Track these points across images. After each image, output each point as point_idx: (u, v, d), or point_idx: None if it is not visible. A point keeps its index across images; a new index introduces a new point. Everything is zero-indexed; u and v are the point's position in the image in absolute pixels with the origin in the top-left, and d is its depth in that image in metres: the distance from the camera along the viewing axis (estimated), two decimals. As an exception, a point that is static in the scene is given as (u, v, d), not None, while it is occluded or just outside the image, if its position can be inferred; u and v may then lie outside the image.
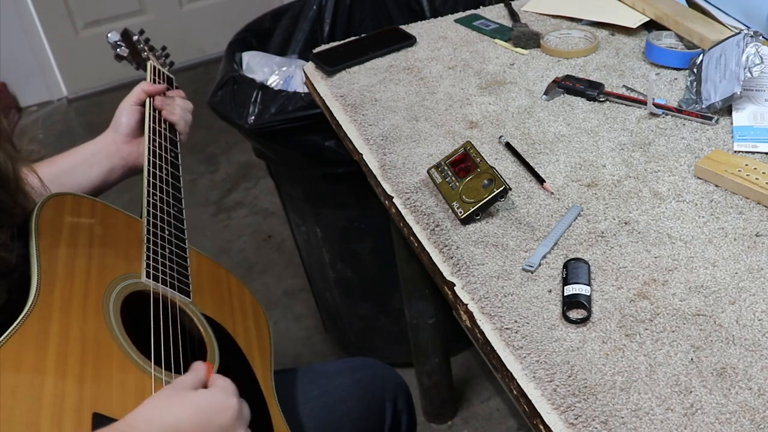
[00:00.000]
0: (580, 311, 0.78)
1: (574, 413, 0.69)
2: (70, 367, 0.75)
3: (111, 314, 0.83)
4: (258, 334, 1.00)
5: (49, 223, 0.86)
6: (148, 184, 1.01)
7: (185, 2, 3.31)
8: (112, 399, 0.75)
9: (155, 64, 1.21)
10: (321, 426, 1.03)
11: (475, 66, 1.26)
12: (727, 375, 0.71)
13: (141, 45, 1.27)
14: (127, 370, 0.79)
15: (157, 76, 1.18)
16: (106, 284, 0.86)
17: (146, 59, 1.23)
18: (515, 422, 1.71)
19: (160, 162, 1.06)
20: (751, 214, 0.89)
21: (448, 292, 0.87)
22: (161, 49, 1.32)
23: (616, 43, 1.29)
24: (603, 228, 0.89)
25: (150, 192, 1.00)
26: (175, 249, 0.98)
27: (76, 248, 0.86)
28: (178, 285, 0.93)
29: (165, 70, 1.23)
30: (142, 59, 1.24)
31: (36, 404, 0.70)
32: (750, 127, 1.02)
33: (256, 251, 2.30)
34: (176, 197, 1.04)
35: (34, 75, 3.17)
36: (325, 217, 1.61)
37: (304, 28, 1.78)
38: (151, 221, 0.96)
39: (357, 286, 1.71)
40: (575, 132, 1.07)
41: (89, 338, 0.79)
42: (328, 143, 1.43)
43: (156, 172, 1.03)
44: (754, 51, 1.01)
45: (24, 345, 0.73)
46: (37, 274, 0.79)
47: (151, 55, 1.26)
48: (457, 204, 0.93)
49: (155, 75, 1.18)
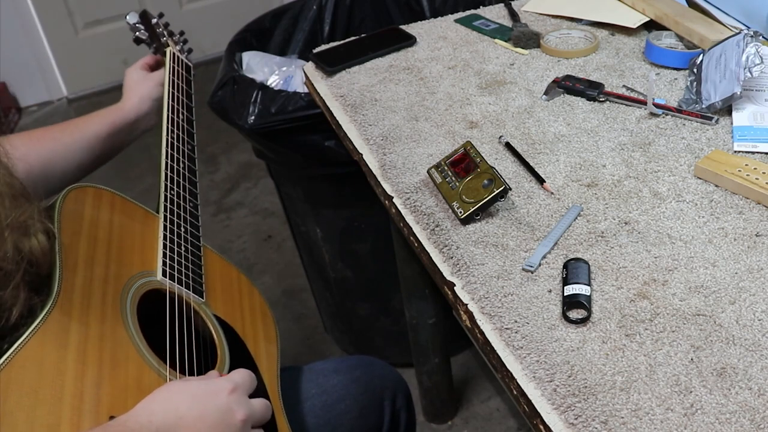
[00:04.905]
0: (580, 311, 0.78)
1: (574, 413, 0.69)
2: (89, 367, 0.74)
3: (128, 314, 0.83)
4: (266, 337, 1.00)
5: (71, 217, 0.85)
6: (166, 178, 1.00)
7: (185, 2, 3.32)
8: (127, 402, 0.74)
9: (175, 51, 1.18)
10: (320, 424, 1.03)
11: (475, 66, 1.26)
12: (727, 375, 0.71)
13: (160, 29, 1.24)
14: (142, 372, 0.79)
15: (176, 64, 1.16)
16: (124, 282, 0.85)
17: (165, 44, 1.20)
18: (515, 422, 1.71)
19: (178, 155, 1.04)
20: (751, 214, 0.89)
21: (448, 292, 0.87)
22: (179, 34, 1.29)
23: (616, 43, 1.29)
24: (603, 228, 0.89)
25: (167, 186, 0.99)
26: (191, 247, 0.97)
27: (96, 244, 0.86)
28: (192, 285, 0.93)
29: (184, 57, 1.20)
30: (161, 44, 1.21)
31: (57, 406, 0.69)
32: (750, 127, 1.02)
33: (256, 251, 2.30)
34: (192, 192, 1.03)
35: (34, 75, 3.17)
36: (325, 217, 1.61)
37: (304, 28, 1.78)
38: (168, 217, 0.96)
39: (357, 286, 1.71)
40: (575, 132, 1.07)
41: (107, 338, 0.78)
42: (328, 143, 1.43)
43: (173, 165, 1.02)
44: (754, 51, 1.01)
45: (46, 344, 0.73)
46: (58, 271, 0.79)
47: (170, 40, 1.23)
48: (457, 204, 0.93)
49: (174, 63, 1.16)
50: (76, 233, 0.84)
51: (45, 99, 3.25)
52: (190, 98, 1.16)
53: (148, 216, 0.96)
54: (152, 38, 1.22)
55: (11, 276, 0.73)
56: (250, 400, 0.79)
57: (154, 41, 1.22)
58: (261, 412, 0.80)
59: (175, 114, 1.08)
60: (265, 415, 0.81)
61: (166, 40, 1.22)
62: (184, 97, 1.13)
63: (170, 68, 1.14)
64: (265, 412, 0.81)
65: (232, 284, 1.02)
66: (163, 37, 1.23)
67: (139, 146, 1.23)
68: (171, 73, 1.14)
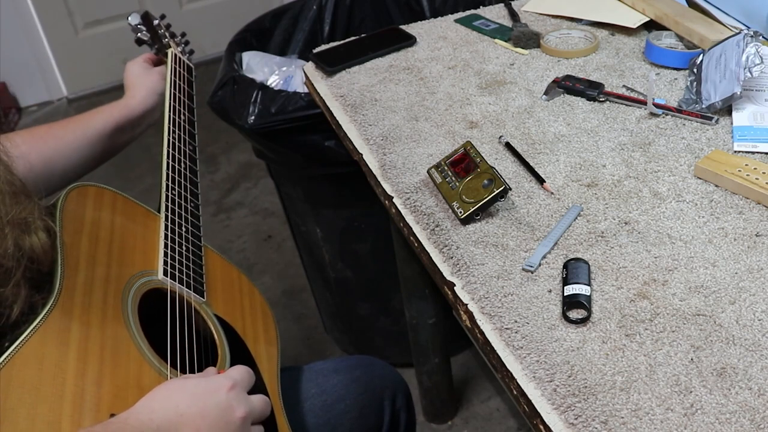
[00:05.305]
0: (580, 311, 0.78)
1: (574, 413, 0.69)
2: (90, 365, 0.75)
3: (129, 313, 0.83)
4: (266, 337, 1.00)
5: (72, 216, 0.85)
6: (167, 178, 1.00)
7: (185, 2, 3.32)
8: (128, 400, 0.75)
9: (176, 52, 1.18)
10: (320, 424, 1.03)
11: (475, 66, 1.26)
12: (727, 375, 0.71)
13: (162, 30, 1.24)
14: (143, 370, 0.79)
15: (178, 65, 1.16)
16: (125, 281, 0.86)
17: (167, 45, 1.20)
18: (515, 422, 1.71)
19: (179, 155, 1.04)
20: (751, 214, 0.89)
21: (448, 292, 0.87)
22: (181, 36, 1.29)
23: (616, 43, 1.29)
24: (603, 228, 0.89)
25: (169, 186, 0.99)
26: (192, 247, 0.97)
27: (98, 243, 0.86)
28: (193, 284, 0.93)
29: (185, 59, 1.20)
30: (163, 45, 1.21)
31: (58, 403, 0.70)
32: (750, 127, 1.02)
33: (256, 251, 2.30)
34: (193, 192, 1.03)
35: (34, 75, 3.17)
36: (325, 217, 1.61)
37: (304, 28, 1.78)
38: (169, 217, 0.96)
39: (357, 286, 1.71)
40: (575, 132, 1.07)
41: (108, 337, 0.78)
42: (328, 143, 1.43)
43: (175, 165, 1.02)
44: (754, 51, 1.01)
45: (47, 342, 0.73)
46: (60, 269, 0.79)
47: (172, 42, 1.23)
48: (457, 204, 0.93)
49: (176, 64, 1.16)
50: (77, 232, 0.85)
51: (45, 99, 3.25)
52: (191, 99, 1.16)
53: (149, 216, 0.96)
54: (154, 39, 1.22)
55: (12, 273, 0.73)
56: (249, 396, 0.79)
57: (155, 42, 1.22)
58: (260, 408, 0.80)
59: (176, 114, 1.08)
60: (265, 412, 0.81)
61: (168, 41, 1.23)
62: (185, 98, 1.14)
63: (172, 69, 1.14)
64: (265, 408, 0.81)
65: (233, 284, 1.02)
66: (165, 39, 1.23)
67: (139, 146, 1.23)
68: (173, 74, 1.14)
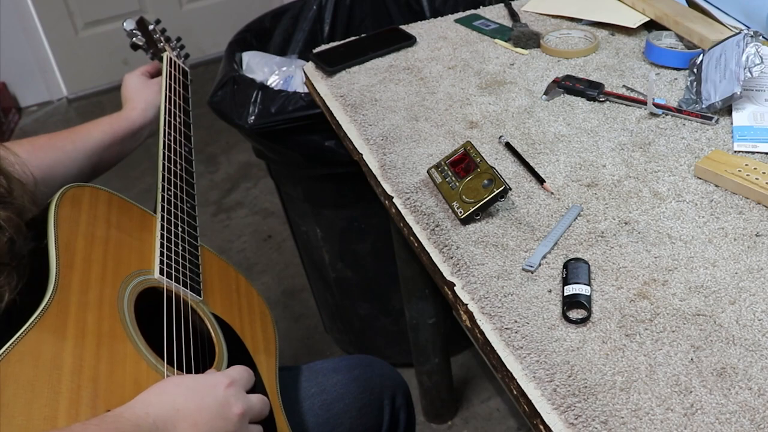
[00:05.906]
0: (580, 311, 0.78)
1: (574, 413, 0.69)
2: (86, 363, 0.75)
3: (125, 311, 0.83)
4: (264, 336, 1.00)
5: (68, 216, 0.86)
6: (163, 179, 1.00)
7: (185, 2, 3.32)
8: (124, 397, 0.75)
9: (171, 56, 1.19)
10: (319, 423, 1.03)
11: (475, 66, 1.26)
12: (727, 375, 0.71)
13: (157, 35, 1.26)
14: (140, 368, 0.79)
15: (173, 68, 1.17)
16: (121, 280, 0.86)
17: (162, 50, 1.22)
18: (515, 422, 1.71)
19: (175, 156, 1.05)
20: (751, 214, 0.89)
21: (448, 292, 0.87)
22: (176, 40, 1.30)
23: (616, 43, 1.29)
24: (603, 228, 0.89)
25: (164, 187, 1.00)
26: (188, 246, 0.98)
27: (93, 243, 0.87)
28: (190, 283, 0.94)
29: (180, 62, 1.22)
30: (158, 49, 1.23)
31: (54, 399, 0.70)
32: (750, 127, 1.02)
33: (256, 251, 2.30)
34: (189, 193, 1.04)
35: (34, 75, 3.17)
36: (325, 217, 1.61)
37: (304, 28, 1.78)
38: (165, 217, 0.96)
39: (357, 286, 1.71)
40: (575, 132, 1.07)
41: (104, 334, 0.79)
42: (328, 143, 1.43)
43: (171, 166, 1.03)
44: (754, 51, 1.01)
45: (43, 339, 0.73)
46: (55, 268, 0.80)
47: (167, 46, 1.25)
48: (457, 204, 0.93)
49: (171, 67, 1.17)
50: (73, 232, 0.85)
51: (45, 99, 3.25)
52: (187, 102, 1.17)
53: (145, 215, 0.96)
54: (149, 44, 1.24)
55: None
56: (247, 395, 0.79)
57: (151, 47, 1.24)
58: (259, 406, 0.80)
59: (172, 117, 1.09)
60: (263, 410, 0.81)
61: (163, 45, 1.24)
62: (181, 101, 1.15)
63: (167, 72, 1.16)
64: (263, 407, 0.81)
65: (230, 284, 1.03)
66: (160, 43, 1.24)
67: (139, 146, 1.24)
68: (168, 77, 1.15)
